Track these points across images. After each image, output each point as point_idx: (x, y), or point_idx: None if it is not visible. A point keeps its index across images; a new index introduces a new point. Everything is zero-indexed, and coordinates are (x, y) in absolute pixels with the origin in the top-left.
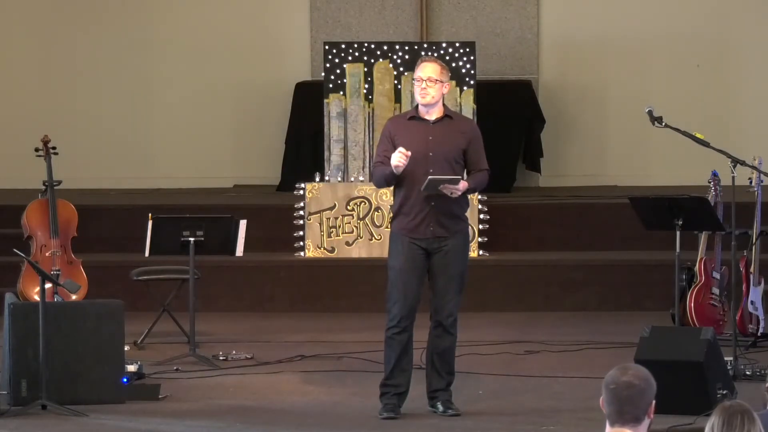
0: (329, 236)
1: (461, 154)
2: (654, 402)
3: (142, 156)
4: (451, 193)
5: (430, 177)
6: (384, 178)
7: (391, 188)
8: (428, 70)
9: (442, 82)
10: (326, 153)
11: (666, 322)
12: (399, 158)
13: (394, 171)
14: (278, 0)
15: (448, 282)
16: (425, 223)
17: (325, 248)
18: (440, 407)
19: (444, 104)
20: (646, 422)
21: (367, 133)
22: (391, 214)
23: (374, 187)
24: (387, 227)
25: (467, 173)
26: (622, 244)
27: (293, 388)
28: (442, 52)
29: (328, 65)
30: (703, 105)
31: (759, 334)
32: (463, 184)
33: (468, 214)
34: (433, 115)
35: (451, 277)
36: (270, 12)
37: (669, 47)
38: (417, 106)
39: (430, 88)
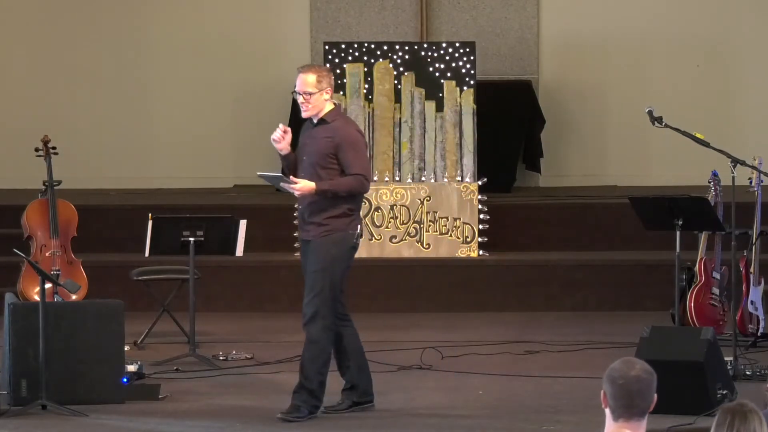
0: None
1: (328, 158)
2: (656, 396)
3: (142, 156)
4: (293, 192)
5: (258, 173)
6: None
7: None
8: (304, 83)
9: (320, 90)
10: None
11: (666, 322)
12: (275, 133)
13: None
14: (278, 0)
15: (307, 281)
16: (298, 226)
17: None
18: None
19: (335, 105)
20: (646, 417)
21: (367, 133)
22: None
23: (374, 187)
24: (386, 227)
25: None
26: (622, 244)
27: (293, 388)
28: (442, 52)
29: (328, 65)
30: (703, 105)
31: (759, 334)
32: (305, 185)
33: (468, 213)
34: (316, 118)
35: (306, 275)
36: (270, 12)
37: (669, 47)
38: None
39: (306, 102)
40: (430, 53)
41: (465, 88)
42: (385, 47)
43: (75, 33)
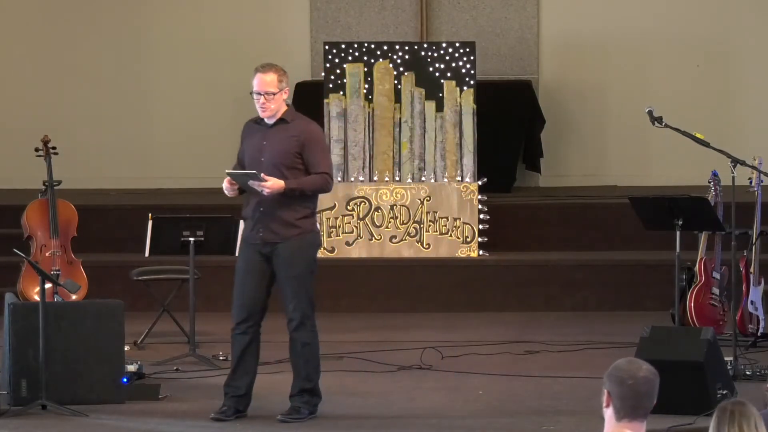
0: (329, 236)
1: (294, 158)
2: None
3: (142, 156)
4: (261, 190)
5: (226, 171)
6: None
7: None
8: (264, 83)
9: (280, 90)
10: None
11: (666, 322)
12: (225, 188)
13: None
14: (278, 0)
15: (283, 285)
16: (256, 229)
17: (325, 248)
18: (284, 412)
19: (288, 106)
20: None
21: (367, 133)
22: None
23: (374, 187)
24: (386, 227)
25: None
26: (622, 244)
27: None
28: (442, 52)
29: (328, 65)
30: (703, 105)
31: (759, 334)
32: (274, 183)
33: (468, 213)
34: (272, 119)
35: (284, 281)
36: (270, 12)
37: (669, 47)
38: None
39: (268, 102)
40: (430, 53)
41: (465, 88)
42: (385, 47)
43: (75, 33)
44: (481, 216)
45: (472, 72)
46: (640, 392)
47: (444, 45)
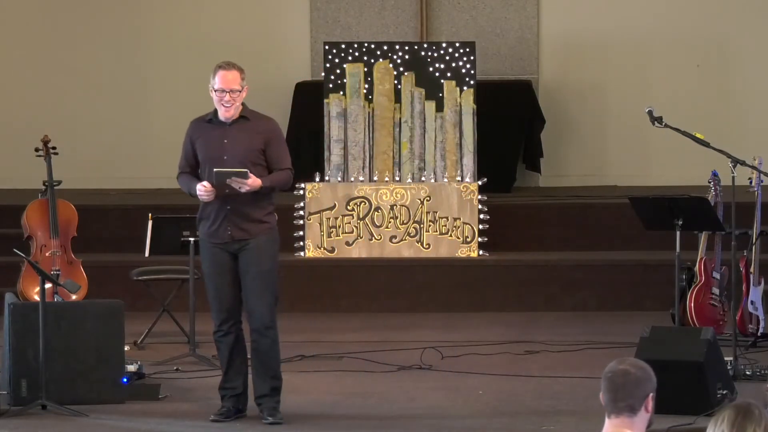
0: (329, 236)
1: (259, 155)
2: (652, 395)
3: (142, 156)
4: (239, 188)
5: (215, 170)
6: (189, 191)
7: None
8: (228, 80)
9: (243, 88)
10: (326, 153)
11: (666, 322)
12: (202, 196)
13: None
14: (278, 0)
15: (252, 281)
16: (223, 228)
17: (325, 248)
18: (265, 414)
19: (243, 104)
20: (643, 415)
21: (367, 133)
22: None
23: (374, 187)
24: (386, 227)
25: (270, 174)
26: (622, 244)
27: (293, 388)
28: (442, 52)
29: (328, 65)
30: (703, 105)
31: (759, 334)
32: (254, 181)
33: (468, 213)
34: (231, 117)
35: (254, 276)
36: (270, 12)
37: (669, 47)
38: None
39: (234, 99)
40: (430, 53)
41: (465, 88)
42: (385, 47)
43: (75, 32)
44: (481, 216)
45: (472, 72)
46: (616, 383)
47: (444, 45)
